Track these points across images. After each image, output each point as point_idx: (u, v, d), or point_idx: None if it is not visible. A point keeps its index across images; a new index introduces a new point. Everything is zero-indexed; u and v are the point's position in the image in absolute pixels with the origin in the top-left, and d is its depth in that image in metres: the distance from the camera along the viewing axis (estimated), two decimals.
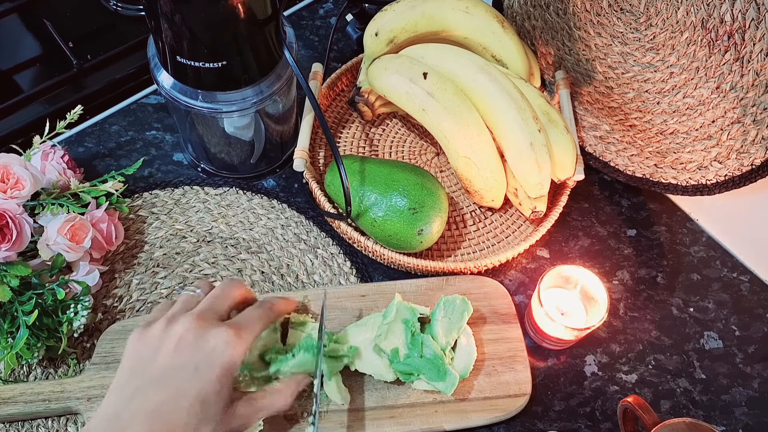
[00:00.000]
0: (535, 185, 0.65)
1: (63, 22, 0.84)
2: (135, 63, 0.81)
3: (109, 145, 0.75)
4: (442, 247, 0.70)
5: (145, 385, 0.47)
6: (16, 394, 0.57)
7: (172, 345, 0.48)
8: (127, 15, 0.65)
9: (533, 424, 0.61)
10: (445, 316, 0.59)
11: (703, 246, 0.72)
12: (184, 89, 0.61)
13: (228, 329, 0.49)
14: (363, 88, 0.73)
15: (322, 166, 0.74)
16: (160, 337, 0.49)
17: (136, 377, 0.47)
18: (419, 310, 0.60)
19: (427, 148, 0.76)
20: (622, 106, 0.70)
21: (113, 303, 0.65)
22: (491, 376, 0.61)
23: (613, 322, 0.67)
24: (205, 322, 0.49)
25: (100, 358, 0.60)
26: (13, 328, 0.57)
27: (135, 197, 0.71)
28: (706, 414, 0.63)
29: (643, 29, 0.64)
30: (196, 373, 0.47)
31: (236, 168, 0.73)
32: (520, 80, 0.69)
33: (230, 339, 0.48)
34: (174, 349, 0.48)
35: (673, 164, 0.69)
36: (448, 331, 0.59)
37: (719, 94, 0.61)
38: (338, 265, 0.68)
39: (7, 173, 0.59)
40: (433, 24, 0.69)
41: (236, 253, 0.68)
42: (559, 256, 0.71)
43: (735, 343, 0.66)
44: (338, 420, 0.58)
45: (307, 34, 0.86)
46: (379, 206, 0.64)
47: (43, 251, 0.59)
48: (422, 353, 0.57)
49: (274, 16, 0.58)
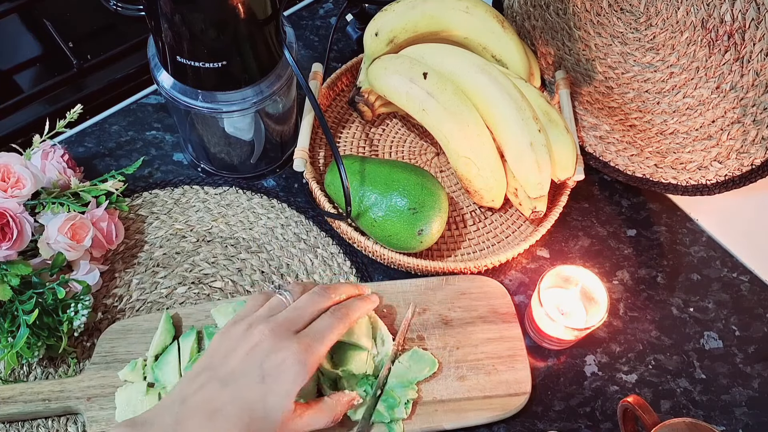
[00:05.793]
0: (535, 185, 0.65)
1: (63, 22, 0.84)
2: (135, 63, 0.81)
3: (109, 145, 0.75)
4: (442, 247, 0.70)
5: (214, 381, 0.49)
6: (15, 394, 0.57)
7: (245, 350, 0.50)
8: (127, 15, 0.65)
9: (533, 424, 0.61)
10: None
11: (703, 246, 0.72)
12: (184, 89, 0.61)
13: (299, 345, 0.50)
14: (363, 88, 0.73)
15: (322, 166, 0.74)
16: (237, 339, 0.51)
17: (207, 371, 0.49)
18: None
19: (427, 148, 0.76)
20: (622, 106, 0.70)
21: (113, 302, 0.65)
22: (491, 375, 0.61)
23: (613, 322, 0.67)
24: (281, 334, 0.50)
25: (100, 357, 0.60)
26: (13, 327, 0.57)
27: (135, 197, 0.71)
28: (706, 414, 0.63)
29: (643, 29, 0.64)
30: (262, 384, 0.48)
31: (236, 168, 0.73)
32: (520, 80, 0.69)
33: (299, 356, 0.49)
34: (246, 354, 0.50)
35: (673, 164, 0.69)
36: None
37: (719, 94, 0.61)
38: (338, 265, 0.68)
39: (8, 172, 0.59)
40: (433, 24, 0.69)
41: (236, 253, 0.68)
42: (559, 256, 0.71)
43: (735, 343, 0.66)
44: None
45: (307, 34, 0.86)
46: (379, 206, 0.64)
47: (44, 250, 0.59)
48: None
49: (274, 16, 0.58)
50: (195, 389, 0.48)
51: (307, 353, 0.50)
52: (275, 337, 0.50)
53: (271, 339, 0.50)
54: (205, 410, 0.47)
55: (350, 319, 0.55)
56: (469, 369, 0.61)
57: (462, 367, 0.61)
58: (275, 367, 0.49)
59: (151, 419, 0.47)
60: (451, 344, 0.62)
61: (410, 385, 0.59)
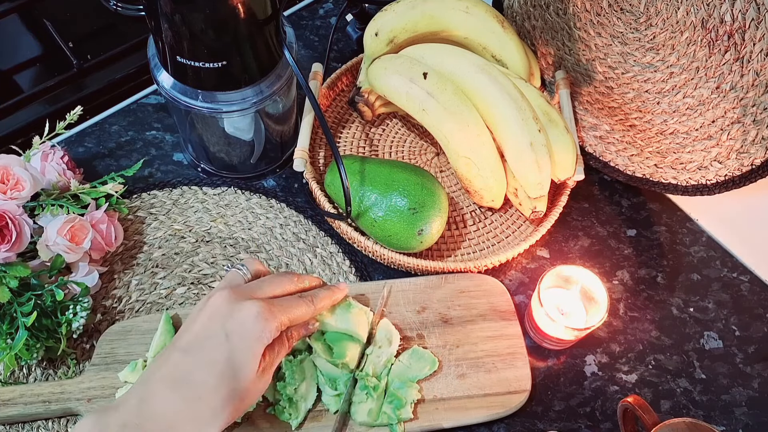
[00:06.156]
0: (535, 185, 0.65)
1: (63, 22, 0.84)
2: (135, 63, 0.81)
3: (109, 145, 0.75)
4: (442, 247, 0.70)
5: (176, 352, 0.48)
6: (15, 396, 0.57)
7: (207, 316, 0.49)
8: (127, 15, 0.65)
9: (533, 424, 0.61)
10: None
11: (703, 246, 0.72)
12: (184, 89, 0.61)
13: (261, 303, 0.49)
14: (363, 88, 0.73)
15: (322, 166, 0.74)
16: (198, 310, 0.50)
17: (170, 346, 0.49)
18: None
19: (427, 148, 0.76)
20: (622, 106, 0.70)
21: (112, 304, 0.64)
22: (491, 373, 0.61)
23: (613, 322, 0.67)
24: (242, 296, 0.50)
25: (100, 358, 0.60)
26: (12, 329, 0.57)
27: (134, 198, 0.71)
28: (706, 414, 0.63)
29: (643, 29, 0.63)
30: (226, 342, 0.48)
31: (236, 168, 0.72)
32: (520, 80, 0.69)
33: (261, 312, 0.49)
34: (208, 319, 0.49)
35: (673, 164, 0.68)
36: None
37: (719, 94, 0.61)
38: (337, 264, 0.68)
39: (7, 174, 0.59)
40: (433, 24, 0.69)
41: (235, 253, 0.68)
42: (559, 256, 0.71)
43: (735, 343, 0.66)
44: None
45: (307, 34, 0.86)
46: (379, 206, 0.64)
47: (43, 252, 0.59)
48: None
49: (274, 16, 0.58)
50: (160, 364, 0.48)
51: (270, 313, 0.49)
52: (236, 299, 0.49)
53: (232, 301, 0.49)
54: (169, 381, 0.46)
55: (316, 305, 0.54)
56: (469, 367, 0.61)
57: (462, 366, 0.61)
58: (239, 325, 0.48)
59: (117, 404, 0.46)
60: (450, 342, 0.62)
61: (412, 384, 0.59)
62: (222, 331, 0.48)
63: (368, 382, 0.58)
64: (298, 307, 0.52)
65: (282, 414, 0.57)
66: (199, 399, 0.46)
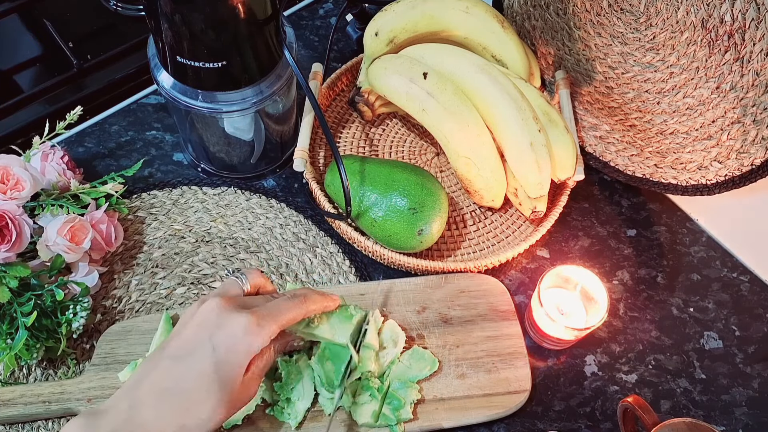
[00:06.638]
0: (535, 185, 0.65)
1: (63, 22, 0.84)
2: (135, 63, 0.81)
3: (109, 145, 0.75)
4: (442, 247, 0.70)
5: (165, 359, 0.48)
6: (15, 396, 0.57)
7: (197, 323, 0.49)
8: (127, 15, 0.66)
9: (533, 424, 0.61)
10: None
11: (703, 246, 0.72)
12: (184, 89, 0.61)
13: (249, 316, 0.49)
14: (363, 88, 0.73)
15: (322, 166, 0.74)
16: (190, 315, 0.50)
17: (162, 350, 0.49)
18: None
19: (427, 148, 0.76)
20: (622, 106, 0.70)
21: (112, 304, 0.64)
22: (491, 373, 0.61)
23: (613, 322, 0.67)
24: (232, 307, 0.50)
25: (100, 359, 0.60)
26: (12, 329, 0.57)
27: (134, 198, 0.71)
28: (706, 414, 0.63)
29: (643, 29, 0.63)
30: (213, 354, 0.47)
31: (236, 168, 0.72)
32: (520, 80, 0.69)
33: (249, 327, 0.48)
34: (197, 326, 0.49)
35: (673, 164, 0.68)
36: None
37: (719, 94, 0.61)
38: (337, 264, 0.68)
39: (7, 174, 0.59)
40: (433, 24, 0.69)
41: (235, 253, 0.68)
42: (559, 256, 0.71)
43: (735, 343, 0.66)
44: (338, 417, 0.58)
45: (307, 34, 0.86)
46: (379, 206, 0.64)
47: (43, 252, 0.59)
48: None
49: (274, 16, 0.58)
50: (149, 370, 0.48)
51: (259, 326, 0.49)
52: (226, 309, 0.49)
53: (223, 311, 0.49)
54: (157, 390, 0.46)
55: (307, 307, 0.54)
56: (469, 367, 0.61)
57: (462, 366, 0.61)
58: (227, 337, 0.48)
59: (107, 408, 0.46)
60: (451, 342, 0.62)
61: (411, 384, 0.59)
62: (209, 343, 0.48)
63: (372, 384, 0.58)
64: (288, 311, 0.52)
65: (281, 414, 0.57)
66: (186, 410, 0.46)
